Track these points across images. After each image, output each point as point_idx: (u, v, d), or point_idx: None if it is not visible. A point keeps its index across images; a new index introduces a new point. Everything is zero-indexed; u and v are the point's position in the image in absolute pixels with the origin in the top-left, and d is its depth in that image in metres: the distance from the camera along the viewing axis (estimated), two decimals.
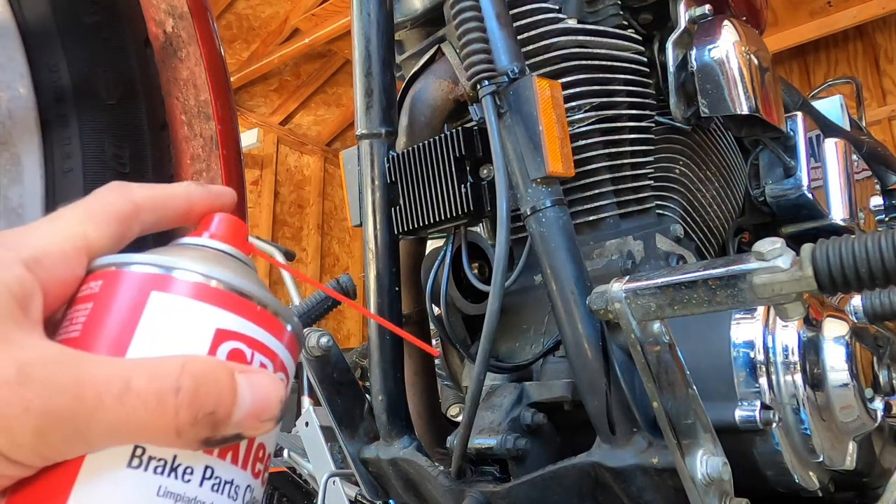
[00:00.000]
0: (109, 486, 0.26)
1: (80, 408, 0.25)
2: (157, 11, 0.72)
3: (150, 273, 0.29)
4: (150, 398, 0.26)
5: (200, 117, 0.73)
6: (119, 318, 0.28)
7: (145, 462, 0.27)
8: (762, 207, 1.14)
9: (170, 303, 0.28)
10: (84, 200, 0.31)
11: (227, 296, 0.29)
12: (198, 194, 0.34)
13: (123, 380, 0.26)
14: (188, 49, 0.73)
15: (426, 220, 0.85)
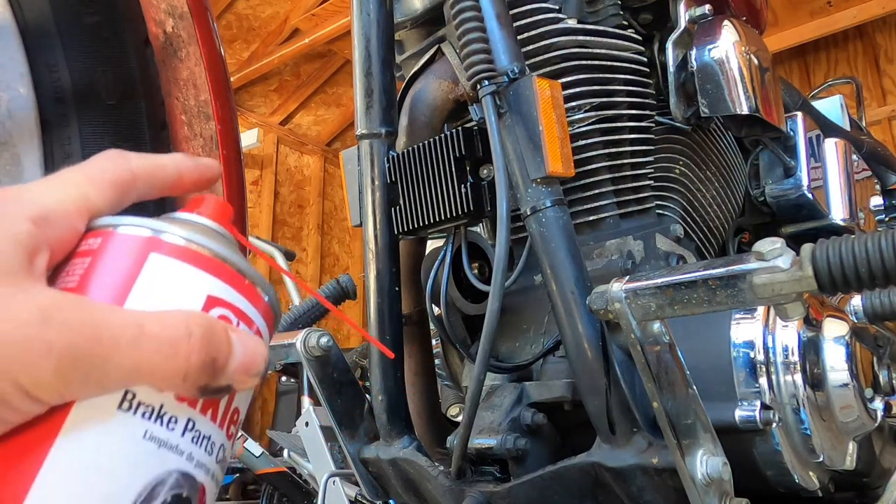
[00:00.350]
0: (99, 426, 0.27)
1: (98, 349, 0.27)
2: (157, 11, 0.71)
3: (151, 236, 0.31)
4: (164, 343, 0.28)
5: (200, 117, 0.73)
6: (118, 273, 0.30)
7: (134, 407, 0.28)
8: (762, 207, 1.14)
9: (167, 265, 0.30)
10: (85, 165, 0.33)
11: (219, 266, 0.31)
12: (186, 165, 0.36)
13: (137, 325, 0.28)
14: (188, 49, 0.73)
15: (426, 220, 0.85)
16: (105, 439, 0.27)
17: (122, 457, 0.28)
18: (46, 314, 0.27)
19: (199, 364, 0.29)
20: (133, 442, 0.28)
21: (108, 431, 0.27)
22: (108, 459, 0.27)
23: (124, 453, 0.28)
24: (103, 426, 0.27)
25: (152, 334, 0.28)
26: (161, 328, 0.29)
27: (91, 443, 0.27)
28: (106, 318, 0.28)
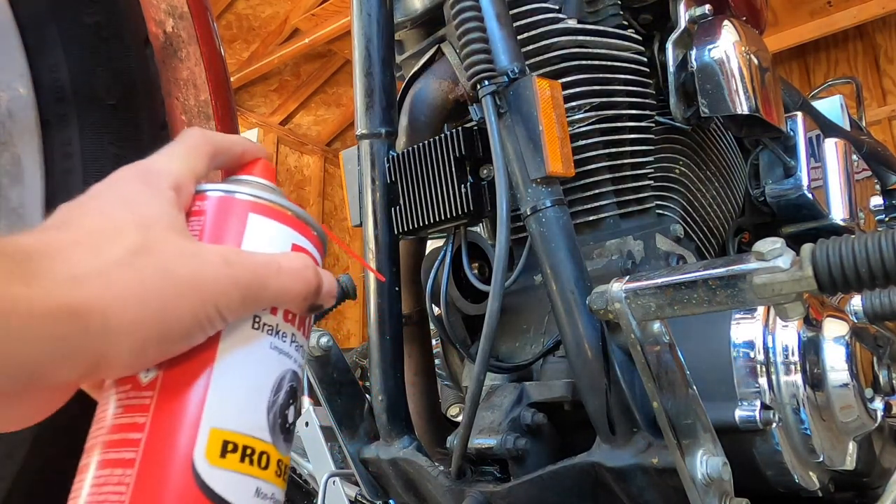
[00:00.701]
0: (241, 341, 0.37)
1: (260, 281, 0.37)
2: (157, 11, 0.72)
3: (249, 200, 0.40)
4: (295, 274, 0.38)
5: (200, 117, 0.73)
6: (231, 229, 0.39)
7: (261, 326, 0.38)
8: (762, 207, 1.14)
9: (262, 222, 0.40)
10: (183, 140, 0.41)
11: (295, 220, 0.41)
12: (246, 145, 0.44)
13: (276, 263, 0.38)
14: (188, 49, 0.73)
15: (426, 220, 0.85)
16: (246, 349, 0.37)
17: (258, 361, 0.38)
18: (226, 258, 0.36)
19: (314, 288, 0.39)
20: (263, 351, 0.38)
21: (247, 344, 0.37)
22: (251, 363, 0.37)
23: (259, 358, 0.38)
24: (244, 341, 0.37)
25: (287, 268, 0.38)
26: (290, 264, 0.38)
27: (239, 352, 0.37)
28: (258, 259, 0.37)
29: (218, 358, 0.36)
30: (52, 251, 0.31)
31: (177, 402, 0.34)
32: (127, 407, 0.34)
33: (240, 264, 0.36)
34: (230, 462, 0.34)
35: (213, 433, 0.34)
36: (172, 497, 0.33)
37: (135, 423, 0.34)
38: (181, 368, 0.35)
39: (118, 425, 0.34)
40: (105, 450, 0.34)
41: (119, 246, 0.32)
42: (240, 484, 0.35)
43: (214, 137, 0.42)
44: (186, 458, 0.33)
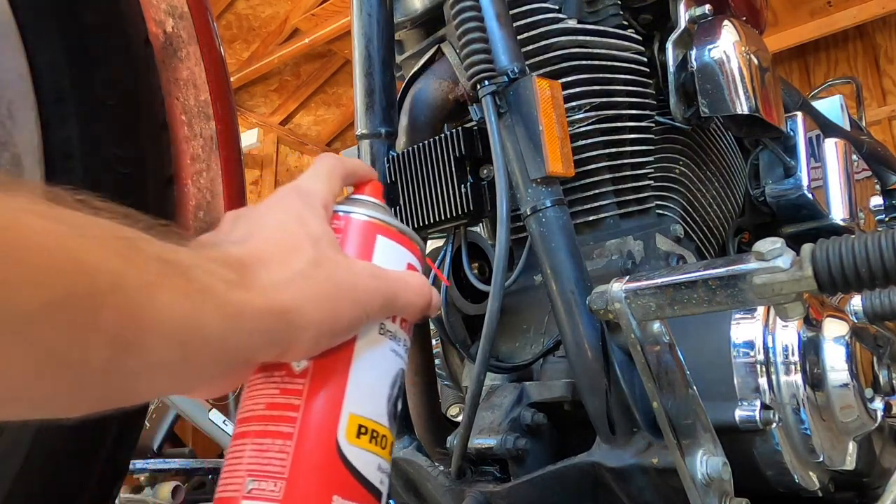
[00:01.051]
0: (372, 343, 0.45)
1: (393, 293, 0.45)
2: (157, 11, 0.71)
3: (376, 222, 0.48)
4: (418, 289, 0.47)
5: (200, 117, 0.73)
6: (362, 247, 0.46)
7: (385, 332, 0.46)
8: (762, 207, 1.14)
9: (387, 243, 0.48)
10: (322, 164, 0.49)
11: (410, 243, 0.49)
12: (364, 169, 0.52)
13: (405, 280, 0.46)
14: (188, 49, 0.73)
15: (426, 220, 0.85)
16: (375, 351, 0.45)
17: (383, 361, 0.45)
18: (372, 273, 0.44)
19: (430, 302, 0.47)
20: (386, 353, 0.46)
21: (375, 347, 0.45)
22: (378, 362, 0.45)
23: (384, 359, 0.45)
24: (373, 344, 0.45)
25: (413, 285, 0.46)
26: (414, 281, 0.47)
27: (370, 353, 0.44)
28: (392, 275, 0.45)
29: (354, 357, 0.44)
30: (255, 262, 0.39)
31: (324, 390, 0.42)
32: (283, 390, 0.42)
33: (382, 278, 0.44)
34: (362, 442, 0.43)
35: (352, 417, 0.42)
36: (322, 466, 0.41)
37: (290, 403, 0.41)
38: (327, 362, 0.43)
39: (276, 404, 0.42)
40: (265, 423, 0.41)
41: (301, 259, 0.40)
42: (369, 460, 0.43)
43: (345, 162, 0.50)
44: (332, 436, 0.41)
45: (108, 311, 0.31)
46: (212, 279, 0.36)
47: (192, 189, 0.73)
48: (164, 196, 0.70)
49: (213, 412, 2.48)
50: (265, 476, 0.40)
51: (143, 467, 2.75)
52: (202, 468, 3.03)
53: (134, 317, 0.32)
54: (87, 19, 0.65)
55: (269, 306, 0.38)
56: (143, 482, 2.78)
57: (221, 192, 0.75)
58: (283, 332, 0.39)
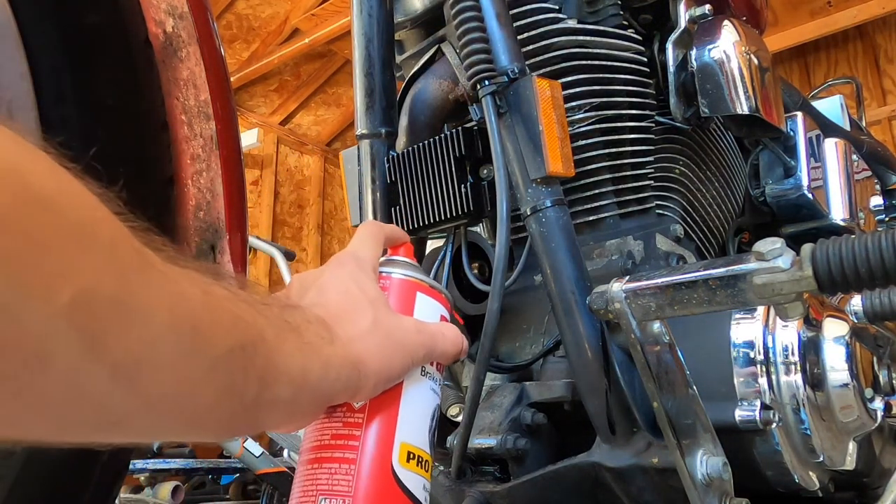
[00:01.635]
0: (416, 383, 0.53)
1: (433, 344, 0.53)
2: (157, 11, 0.71)
3: (415, 282, 0.56)
4: (453, 339, 0.55)
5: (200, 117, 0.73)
6: (404, 303, 0.55)
7: (426, 374, 0.54)
8: (762, 207, 1.14)
9: (424, 299, 0.56)
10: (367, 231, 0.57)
11: (442, 297, 0.57)
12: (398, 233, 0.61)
13: (442, 332, 0.54)
14: (188, 49, 0.73)
15: (426, 220, 0.86)
16: (418, 390, 0.53)
17: (424, 398, 0.53)
18: (417, 328, 0.52)
19: (461, 350, 0.55)
20: (427, 391, 0.54)
21: (419, 386, 0.53)
22: (421, 399, 0.53)
23: (425, 396, 0.53)
24: (417, 384, 0.53)
25: (449, 336, 0.54)
26: (450, 332, 0.55)
27: (415, 392, 0.52)
28: (432, 328, 0.54)
29: (403, 395, 0.52)
30: (333, 322, 0.47)
31: (380, 423, 0.50)
32: (345, 423, 0.50)
33: (424, 333, 0.52)
34: (412, 465, 0.50)
35: (402, 445, 0.50)
36: (381, 486, 0.48)
37: (352, 434, 0.50)
38: (381, 401, 0.51)
39: (341, 435, 0.50)
40: (332, 451, 0.49)
41: (365, 319, 0.49)
42: (416, 480, 0.50)
43: (384, 228, 0.59)
44: (387, 461, 0.49)
45: (259, 357, 0.40)
46: (312, 336, 0.45)
47: (192, 189, 0.73)
48: (164, 196, 0.70)
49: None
50: (335, 495, 0.48)
51: (143, 467, 2.75)
52: (202, 468, 3.03)
53: (272, 361, 0.41)
54: (87, 19, 0.65)
55: (348, 358, 0.46)
56: (143, 482, 2.78)
57: (221, 192, 0.75)
58: (355, 380, 0.47)
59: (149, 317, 0.33)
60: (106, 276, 0.31)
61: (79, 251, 0.30)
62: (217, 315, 0.37)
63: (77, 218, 0.31)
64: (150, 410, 0.35)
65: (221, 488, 3.17)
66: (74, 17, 0.64)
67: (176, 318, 0.34)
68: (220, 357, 0.37)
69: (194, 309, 0.36)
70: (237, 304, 0.40)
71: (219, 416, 0.39)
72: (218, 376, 0.37)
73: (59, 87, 0.64)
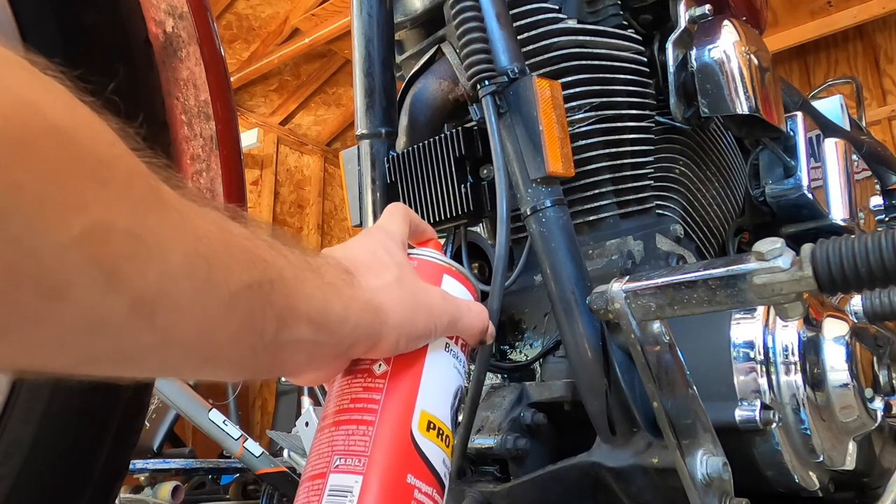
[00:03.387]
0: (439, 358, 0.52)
1: (458, 314, 0.52)
2: (157, 11, 0.71)
3: (443, 265, 0.56)
4: (479, 315, 0.55)
5: (200, 117, 0.73)
6: (431, 280, 0.54)
7: (450, 350, 0.53)
8: (762, 207, 1.14)
9: (451, 281, 0.56)
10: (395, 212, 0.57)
11: (470, 285, 0.57)
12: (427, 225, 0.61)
13: (468, 305, 0.54)
14: (188, 49, 0.73)
15: (426, 220, 0.85)
16: (441, 364, 0.52)
17: (447, 373, 0.52)
18: (443, 296, 0.52)
19: (486, 328, 0.55)
20: (450, 368, 0.53)
21: (442, 360, 0.52)
22: (444, 374, 0.52)
23: (448, 372, 0.52)
24: (440, 358, 0.52)
25: (474, 311, 0.54)
26: (475, 308, 0.55)
27: (437, 365, 0.51)
28: (458, 301, 0.54)
29: (426, 366, 0.51)
30: (357, 270, 0.47)
31: (401, 388, 0.49)
32: (366, 387, 0.49)
33: (449, 301, 0.53)
34: (431, 435, 0.49)
35: (423, 414, 0.49)
36: (399, 448, 0.47)
37: (372, 398, 0.48)
38: (403, 367, 0.50)
39: (360, 398, 0.49)
40: (350, 413, 0.48)
41: (390, 274, 0.49)
42: (436, 451, 0.49)
43: (411, 214, 0.59)
44: (406, 426, 0.48)
45: (276, 294, 0.39)
46: (334, 277, 0.45)
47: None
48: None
49: (213, 412, 2.48)
50: (351, 454, 0.47)
51: (143, 467, 2.75)
52: (202, 468, 3.03)
53: (290, 300, 0.41)
54: (87, 19, 0.65)
55: (369, 303, 0.46)
56: (143, 482, 2.78)
57: (221, 192, 0.75)
58: (376, 328, 0.46)
59: (164, 251, 0.33)
60: (120, 211, 0.31)
61: (93, 185, 0.30)
62: (233, 251, 0.38)
63: (93, 152, 0.31)
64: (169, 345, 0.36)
65: (221, 488, 3.17)
66: (74, 16, 0.64)
67: (191, 253, 0.35)
68: (236, 293, 0.37)
69: (210, 245, 0.36)
70: (255, 243, 0.40)
71: (239, 353, 0.40)
72: (235, 312, 0.37)
73: None
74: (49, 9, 0.63)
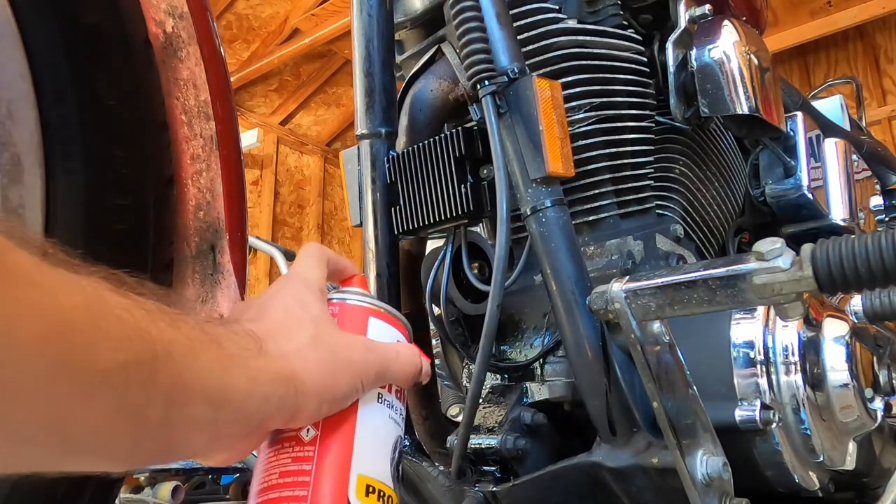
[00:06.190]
0: (371, 410, 0.48)
1: (386, 363, 0.49)
2: (157, 11, 0.71)
3: (367, 307, 0.53)
4: (409, 360, 0.51)
5: (200, 117, 0.73)
6: (355, 328, 0.51)
7: (382, 400, 0.50)
8: (762, 207, 1.14)
9: (378, 324, 0.52)
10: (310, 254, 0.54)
11: (397, 322, 0.54)
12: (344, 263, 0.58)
13: (395, 351, 0.51)
14: (188, 49, 0.73)
15: (426, 220, 0.85)
16: (375, 419, 0.49)
17: (383, 427, 0.49)
18: (366, 346, 0.49)
19: (420, 370, 0.52)
20: (385, 420, 0.49)
21: (375, 415, 0.49)
22: (379, 429, 0.49)
23: (384, 426, 0.49)
24: (373, 412, 0.48)
25: (404, 355, 0.51)
26: (405, 352, 0.51)
27: (371, 421, 0.48)
28: (385, 347, 0.50)
29: (357, 424, 0.47)
30: (267, 337, 0.44)
31: (333, 454, 0.46)
32: (294, 458, 0.46)
33: (374, 351, 0.49)
34: (371, 500, 0.46)
35: (360, 478, 0.46)
36: None
37: (302, 469, 0.45)
38: (333, 429, 0.47)
39: (289, 472, 0.45)
40: (280, 490, 0.45)
41: (304, 335, 0.45)
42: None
43: (328, 253, 0.56)
44: (343, 496, 0.45)
45: (161, 373, 0.36)
46: (237, 348, 0.41)
47: (192, 189, 0.72)
48: (164, 196, 0.70)
49: None
50: None
51: (144, 467, 2.74)
52: (202, 468, 3.03)
53: (180, 377, 0.37)
54: (87, 19, 0.65)
55: (280, 373, 0.42)
56: (143, 482, 2.78)
57: (221, 192, 0.75)
58: (291, 398, 0.43)
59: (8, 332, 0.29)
60: None
61: None
62: (105, 326, 0.34)
63: None
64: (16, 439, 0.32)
65: (221, 488, 3.17)
66: (74, 16, 0.64)
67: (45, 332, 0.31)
68: (106, 373, 0.33)
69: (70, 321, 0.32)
70: (138, 315, 0.36)
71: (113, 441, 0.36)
72: (104, 396, 0.33)
73: (59, 87, 0.64)
74: (49, 9, 0.63)
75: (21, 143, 0.64)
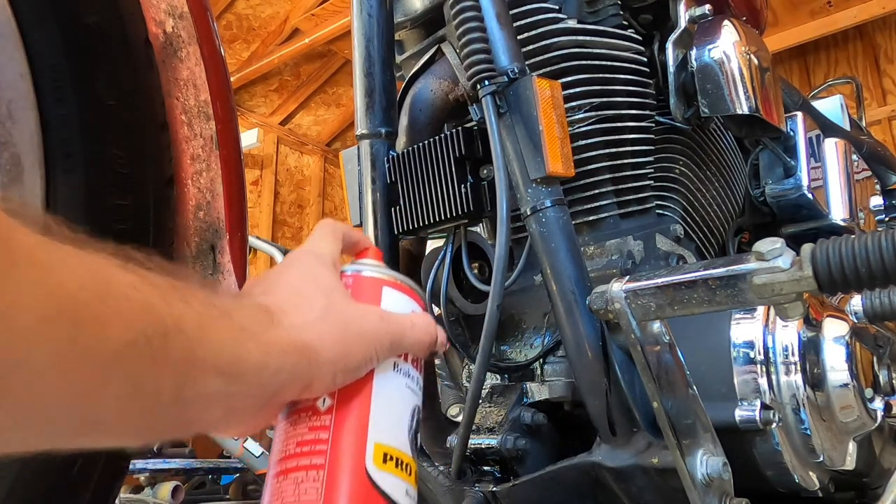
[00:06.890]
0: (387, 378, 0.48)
1: (401, 333, 0.49)
2: (157, 11, 0.71)
3: (381, 278, 0.52)
4: (424, 329, 0.51)
5: (200, 117, 0.73)
6: (368, 298, 0.50)
7: (398, 369, 0.49)
8: (762, 207, 1.14)
9: (392, 294, 0.52)
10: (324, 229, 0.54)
11: (413, 293, 0.53)
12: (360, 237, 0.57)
13: (410, 321, 0.50)
14: (188, 49, 0.73)
15: (426, 220, 0.85)
16: (391, 387, 0.48)
17: (400, 396, 0.49)
18: (381, 317, 0.48)
19: (435, 339, 0.51)
20: (402, 389, 0.49)
21: (391, 383, 0.48)
22: (395, 397, 0.49)
23: (400, 394, 0.49)
24: (389, 381, 0.48)
25: (419, 324, 0.50)
26: (420, 321, 0.51)
27: (387, 389, 0.48)
28: (399, 317, 0.50)
29: (374, 393, 0.47)
30: (278, 310, 0.44)
31: (349, 423, 0.46)
32: (311, 427, 0.46)
33: (388, 320, 0.49)
34: (389, 468, 0.46)
35: (377, 446, 0.46)
36: (354, 490, 0.44)
37: (319, 438, 0.45)
38: (349, 399, 0.46)
39: (306, 441, 0.45)
40: (298, 459, 0.45)
41: (315, 307, 0.45)
42: (396, 484, 0.46)
43: (342, 228, 0.56)
44: (360, 463, 0.44)
45: (173, 347, 0.36)
46: (249, 321, 0.41)
47: (192, 189, 0.73)
48: (164, 196, 0.70)
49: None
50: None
51: (143, 467, 2.75)
52: (202, 468, 3.03)
53: (192, 352, 0.37)
54: (87, 19, 0.65)
55: (292, 344, 0.42)
56: (143, 482, 2.78)
57: (221, 192, 0.75)
58: (305, 368, 0.43)
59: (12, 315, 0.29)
60: None
61: None
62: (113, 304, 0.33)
63: None
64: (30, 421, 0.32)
65: (221, 488, 3.17)
66: (74, 16, 0.64)
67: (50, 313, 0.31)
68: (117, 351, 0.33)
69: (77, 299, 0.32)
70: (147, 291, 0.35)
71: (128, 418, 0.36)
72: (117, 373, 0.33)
73: (59, 87, 0.64)
74: (49, 9, 0.63)
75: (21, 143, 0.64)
